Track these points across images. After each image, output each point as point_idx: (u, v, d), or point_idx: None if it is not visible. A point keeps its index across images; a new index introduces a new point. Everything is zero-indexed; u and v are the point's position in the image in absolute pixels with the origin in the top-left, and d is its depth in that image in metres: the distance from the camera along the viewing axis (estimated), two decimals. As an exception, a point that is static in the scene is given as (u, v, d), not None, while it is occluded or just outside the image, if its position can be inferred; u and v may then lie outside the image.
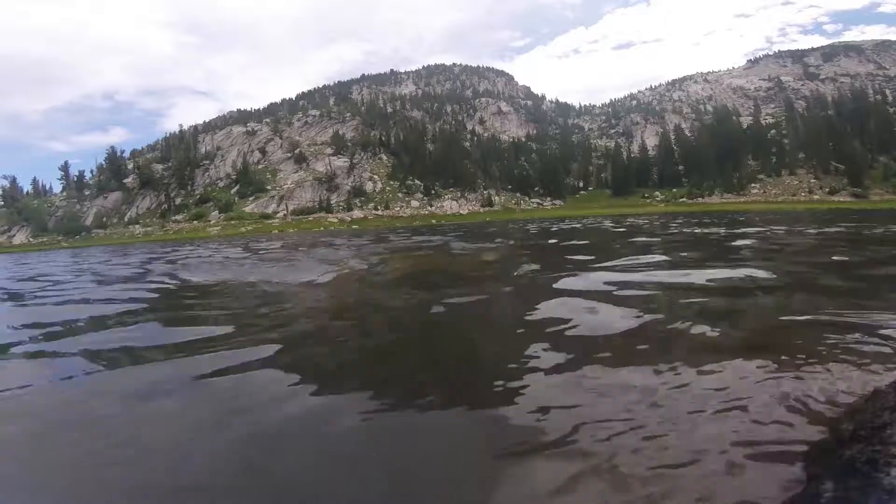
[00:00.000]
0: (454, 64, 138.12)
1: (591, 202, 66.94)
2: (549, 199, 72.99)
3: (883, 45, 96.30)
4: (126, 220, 66.66)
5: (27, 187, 77.24)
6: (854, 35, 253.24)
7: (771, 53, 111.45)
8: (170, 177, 74.02)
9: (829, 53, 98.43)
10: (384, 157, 78.59)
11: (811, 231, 10.15)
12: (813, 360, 1.48)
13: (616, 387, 1.53)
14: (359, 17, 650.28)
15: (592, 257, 6.37)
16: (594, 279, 4.09)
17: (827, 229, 10.36)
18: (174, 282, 6.31)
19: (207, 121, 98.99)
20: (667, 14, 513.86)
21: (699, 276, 3.91)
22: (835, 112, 71.53)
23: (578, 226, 19.41)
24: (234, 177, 74.29)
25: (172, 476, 1.24)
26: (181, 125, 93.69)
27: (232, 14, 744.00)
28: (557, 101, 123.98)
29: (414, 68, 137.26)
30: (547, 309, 2.96)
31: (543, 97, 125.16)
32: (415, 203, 67.97)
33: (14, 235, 62.67)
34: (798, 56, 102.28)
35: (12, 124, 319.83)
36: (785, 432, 0.82)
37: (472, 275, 5.52)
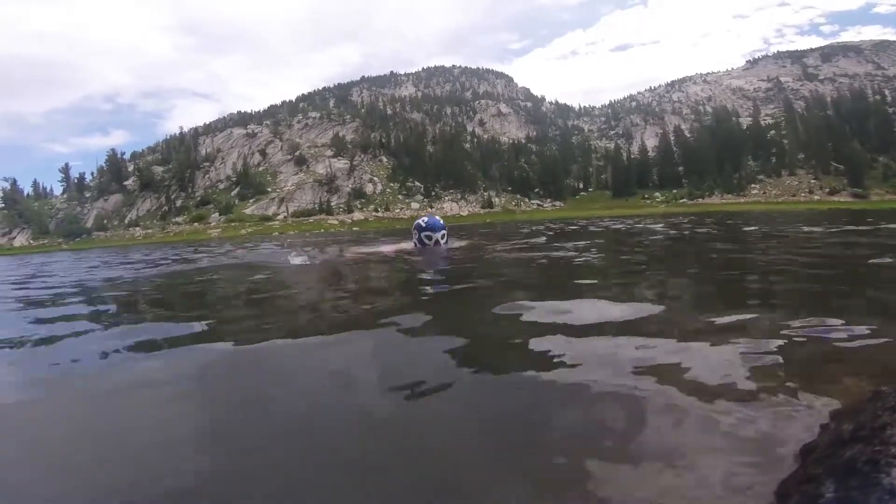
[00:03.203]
0: (454, 66, 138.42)
1: (591, 203, 66.96)
2: (549, 200, 73.06)
3: (881, 46, 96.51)
4: (126, 222, 66.74)
5: (28, 189, 77.43)
6: (851, 36, 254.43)
7: (770, 54, 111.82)
8: (170, 179, 74.15)
9: (828, 54, 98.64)
10: (384, 159, 78.69)
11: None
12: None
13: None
14: (359, 20, 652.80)
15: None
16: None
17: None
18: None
19: (207, 123, 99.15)
20: (664, 15, 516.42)
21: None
22: (834, 112, 71.64)
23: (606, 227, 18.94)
24: (234, 179, 74.41)
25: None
26: (181, 127, 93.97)
27: (232, 17, 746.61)
28: (557, 102, 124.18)
29: (413, 70, 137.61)
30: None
31: (543, 99, 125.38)
32: (415, 205, 68.03)
33: (15, 238, 62.75)
34: (797, 56, 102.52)
35: (13, 126, 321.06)
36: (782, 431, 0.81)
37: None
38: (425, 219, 4.21)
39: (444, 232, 4.26)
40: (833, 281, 3.03)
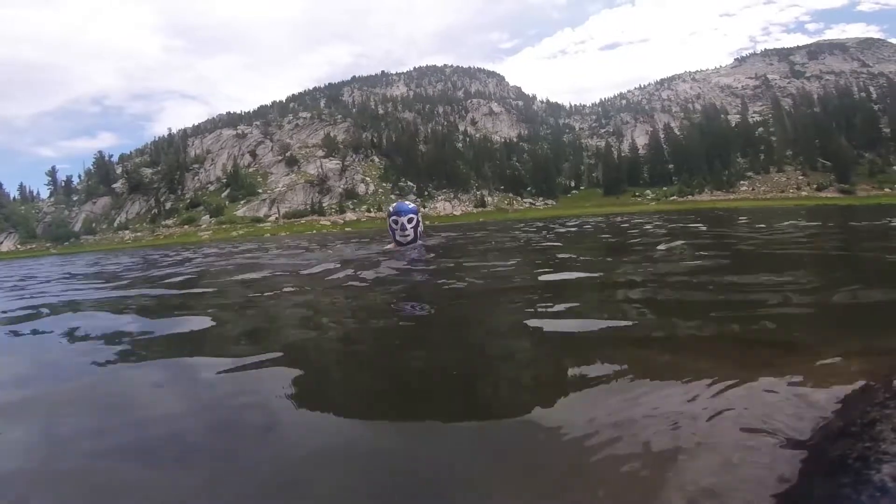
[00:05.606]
0: (445, 65, 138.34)
1: (583, 202, 67.27)
2: (541, 198, 73.30)
3: (866, 43, 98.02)
4: (115, 225, 65.93)
5: (14, 193, 76.24)
6: (835, 33, 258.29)
7: (757, 52, 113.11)
8: (159, 181, 73.35)
9: (815, 52, 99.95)
10: (376, 159, 78.45)
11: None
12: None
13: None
14: (351, 20, 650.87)
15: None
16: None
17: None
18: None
19: (197, 124, 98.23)
20: (652, 14, 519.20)
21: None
22: (821, 109, 72.55)
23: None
24: (224, 180, 73.79)
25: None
26: (170, 129, 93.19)
27: (221, 18, 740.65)
28: (548, 101, 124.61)
29: (405, 70, 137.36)
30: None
31: (534, 97, 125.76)
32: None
33: (2, 242, 61.73)
34: (784, 54, 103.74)
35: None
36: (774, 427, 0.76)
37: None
38: (394, 205, 4.13)
39: (412, 216, 4.06)
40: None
